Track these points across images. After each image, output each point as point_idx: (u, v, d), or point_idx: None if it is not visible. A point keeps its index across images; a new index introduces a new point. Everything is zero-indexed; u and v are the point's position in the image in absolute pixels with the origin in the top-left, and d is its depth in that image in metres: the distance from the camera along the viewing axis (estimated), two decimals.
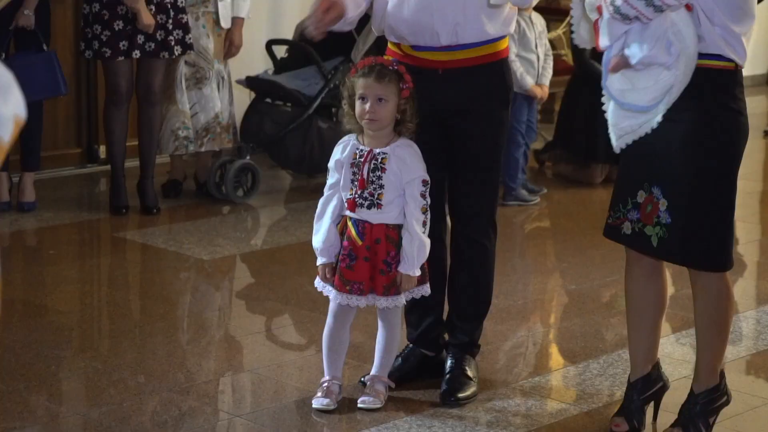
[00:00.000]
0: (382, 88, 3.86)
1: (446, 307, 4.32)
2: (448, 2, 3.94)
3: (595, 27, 3.53)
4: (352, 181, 3.90)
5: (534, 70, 6.98)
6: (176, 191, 7.02)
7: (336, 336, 4.03)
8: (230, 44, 6.87)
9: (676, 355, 4.58)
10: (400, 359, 4.28)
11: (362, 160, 3.89)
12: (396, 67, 3.91)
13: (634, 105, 3.56)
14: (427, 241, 3.91)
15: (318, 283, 4.01)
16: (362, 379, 4.16)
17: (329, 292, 3.96)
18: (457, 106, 4.06)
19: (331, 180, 3.97)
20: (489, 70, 4.08)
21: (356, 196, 3.89)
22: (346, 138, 3.99)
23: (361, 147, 3.92)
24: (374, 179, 3.88)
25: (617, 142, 3.69)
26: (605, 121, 3.75)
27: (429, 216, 3.91)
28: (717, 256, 3.67)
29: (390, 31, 4.08)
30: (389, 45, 4.17)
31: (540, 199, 7.20)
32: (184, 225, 6.46)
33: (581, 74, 7.51)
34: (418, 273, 3.91)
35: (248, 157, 6.96)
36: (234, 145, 7.01)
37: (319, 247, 3.95)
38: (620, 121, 3.63)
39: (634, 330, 3.92)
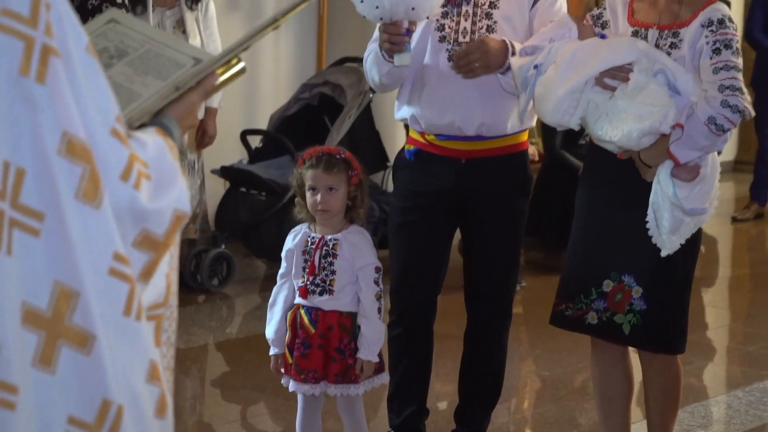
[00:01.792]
0: (331, 178, 3.84)
1: (429, 394, 4.33)
2: (471, 99, 3.97)
3: (668, 150, 3.57)
4: (304, 269, 3.89)
5: None
6: None
7: (308, 426, 4.02)
8: (204, 134, 6.84)
9: None
10: None
11: (314, 247, 3.88)
12: (344, 156, 3.90)
13: (698, 209, 3.63)
14: (384, 327, 3.91)
15: (284, 379, 3.97)
16: None
17: (287, 382, 3.94)
18: (478, 193, 4.09)
19: (282, 270, 3.97)
20: (511, 160, 4.12)
21: (308, 282, 3.87)
22: (298, 227, 3.98)
23: (312, 234, 3.91)
24: (326, 265, 3.86)
25: (676, 242, 3.68)
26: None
27: (383, 303, 3.90)
28: (683, 339, 3.79)
29: (413, 121, 4.10)
30: (411, 133, 4.18)
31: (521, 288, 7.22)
32: None
33: (552, 162, 7.57)
34: (377, 359, 3.89)
35: (223, 246, 6.98)
36: (206, 234, 7.03)
37: (271, 337, 3.95)
38: (679, 226, 3.65)
39: (606, 415, 3.95)
